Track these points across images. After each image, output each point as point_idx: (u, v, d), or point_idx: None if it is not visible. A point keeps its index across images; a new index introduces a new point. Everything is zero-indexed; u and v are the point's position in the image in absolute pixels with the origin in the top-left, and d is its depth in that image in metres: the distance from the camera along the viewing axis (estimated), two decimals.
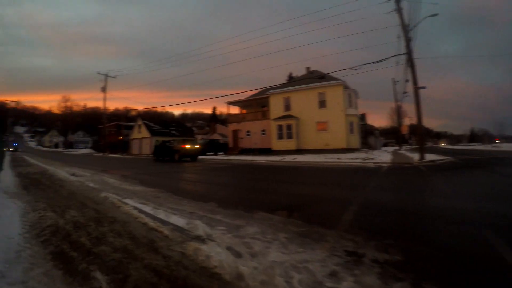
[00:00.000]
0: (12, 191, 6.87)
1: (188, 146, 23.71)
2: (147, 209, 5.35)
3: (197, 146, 24.92)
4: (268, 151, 31.93)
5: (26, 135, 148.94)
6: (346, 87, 29.15)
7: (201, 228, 4.03)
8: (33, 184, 8.59)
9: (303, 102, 31.01)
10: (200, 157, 26.09)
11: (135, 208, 5.40)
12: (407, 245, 3.29)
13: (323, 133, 29.48)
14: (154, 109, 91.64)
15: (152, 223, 4.39)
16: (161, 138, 33.75)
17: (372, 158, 18.92)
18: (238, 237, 3.64)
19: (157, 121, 61.01)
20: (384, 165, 15.08)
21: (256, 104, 38.18)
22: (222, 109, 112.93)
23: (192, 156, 23.93)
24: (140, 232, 4.05)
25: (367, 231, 3.76)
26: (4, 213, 4.60)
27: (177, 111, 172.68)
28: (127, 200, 6.16)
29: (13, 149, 67.47)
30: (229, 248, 3.24)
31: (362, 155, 22.74)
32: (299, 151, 29.11)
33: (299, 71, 58.01)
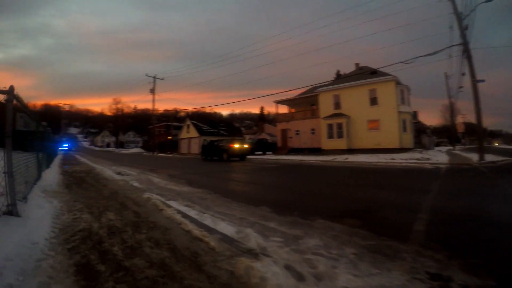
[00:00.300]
0: (52, 190, 6.88)
1: (237, 146, 23.94)
2: (192, 213, 4.90)
3: (246, 146, 25.18)
4: (317, 151, 31.87)
5: (79, 135, 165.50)
6: (398, 82, 28.51)
7: (253, 238, 3.61)
8: (76, 183, 8.74)
9: (354, 100, 30.61)
10: (248, 156, 26.50)
11: (179, 211, 4.96)
12: (497, 266, 2.87)
13: (375, 132, 28.96)
14: (203, 110, 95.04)
15: (196, 231, 3.89)
16: (209, 138, 34.31)
17: (428, 159, 18.72)
18: (298, 252, 3.22)
19: (205, 121, 62.92)
20: (442, 166, 14.66)
21: (305, 103, 38.64)
22: (270, 109, 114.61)
23: (240, 155, 24.17)
24: (182, 242, 3.54)
25: (446, 246, 3.34)
26: (36, 214, 4.33)
27: (225, 112, 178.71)
28: (171, 202, 5.78)
29: (66, 148, 72.81)
30: (288, 267, 2.82)
31: (416, 155, 22.30)
32: (350, 151, 28.78)
33: (347, 68, 56.19)
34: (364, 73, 29.62)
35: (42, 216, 4.47)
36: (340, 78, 34.03)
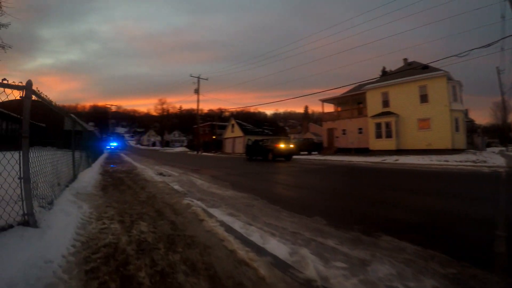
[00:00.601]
0: (86, 192, 6.49)
1: (282, 145, 23.76)
2: (237, 225, 4.23)
3: (291, 146, 24.92)
4: (365, 151, 31.65)
5: (126, 135, 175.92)
6: (449, 78, 27.42)
7: (311, 263, 2.96)
8: (113, 184, 8.45)
9: (403, 97, 30.05)
10: (294, 156, 26.17)
11: (222, 223, 4.30)
12: None
13: (425, 131, 28.14)
14: (247, 109, 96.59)
15: (242, 252, 3.19)
16: (254, 137, 34.32)
17: (484, 161, 17.91)
18: (369, 285, 2.57)
19: (250, 120, 63.30)
20: (501, 169, 13.68)
21: (352, 101, 38.08)
22: (314, 108, 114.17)
23: (286, 155, 24.02)
24: (224, 267, 2.87)
25: None
26: (58, 223, 3.84)
27: (269, 111, 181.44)
28: (213, 210, 5.14)
29: (113, 147, 76.53)
30: None
31: (471, 157, 21.30)
32: (399, 152, 28.30)
33: (393, 64, 53.50)
34: (413, 69, 28.75)
35: (66, 225, 3.96)
36: (387, 74, 32.42)
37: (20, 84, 3.49)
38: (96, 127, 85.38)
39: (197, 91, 54.60)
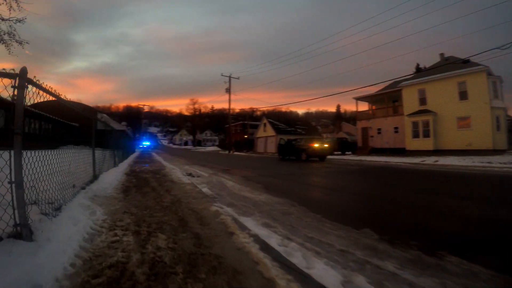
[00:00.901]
0: (105, 195, 5.91)
1: (316, 145, 23.23)
2: (273, 241, 3.52)
3: (326, 145, 24.29)
4: (401, 152, 30.72)
5: (159, 134, 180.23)
6: (489, 73, 25.78)
7: None
8: (136, 186, 7.93)
9: (440, 94, 28.49)
10: (327, 156, 25.45)
11: (256, 238, 3.59)
12: None
13: (465, 130, 26.68)
14: (278, 109, 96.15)
15: (282, 282, 2.45)
16: (286, 137, 33.89)
17: None
18: None
19: (282, 119, 62.59)
20: None
21: (387, 99, 36.36)
22: (347, 107, 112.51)
23: (320, 156, 23.45)
24: None
25: None
26: (61, 235, 3.26)
27: (301, 110, 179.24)
28: (245, 220, 4.47)
29: (145, 146, 78.67)
30: None
31: None
32: (437, 152, 27.00)
33: (428, 60, 50.89)
34: (452, 63, 27.37)
35: (70, 237, 3.36)
36: (421, 71, 30.67)
37: (12, 71, 2.91)
38: (128, 126, 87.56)
39: (228, 90, 54.38)
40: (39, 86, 3.35)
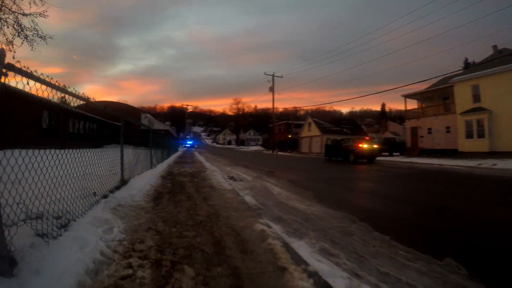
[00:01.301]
0: (131, 203, 5.12)
1: (365, 146, 21.98)
2: (340, 284, 2.33)
3: (375, 146, 23.24)
4: (453, 153, 28.30)
5: (203, 134, 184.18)
6: None
7: None
8: (170, 192, 7.15)
9: (496, 90, 25.69)
10: (376, 158, 24.15)
11: (317, 278, 2.48)
12: None
13: None
14: (322, 108, 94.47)
15: None
16: (331, 136, 32.84)
17: None
18: None
19: (327, 119, 60.67)
20: None
21: (437, 96, 33.90)
22: (392, 105, 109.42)
23: (369, 157, 22.18)
24: None
25: None
26: (59, 263, 2.58)
27: (344, 109, 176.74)
28: (298, 246, 3.51)
29: (189, 145, 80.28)
30: None
31: None
32: (493, 154, 24.53)
33: (478, 54, 46.99)
34: (507, 56, 24.37)
35: (66, 269, 2.52)
36: (472, 65, 27.88)
37: None
38: (172, 126, 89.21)
39: (271, 89, 53.51)
40: (25, 73, 2.54)
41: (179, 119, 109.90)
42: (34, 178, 3.02)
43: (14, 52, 11.19)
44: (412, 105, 39.18)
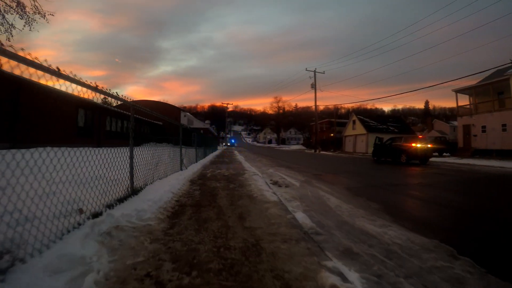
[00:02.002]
0: (135, 226, 3.67)
1: (418, 145, 19.92)
2: None
3: (429, 146, 21.04)
4: (509, 154, 26.16)
5: (243, 132, 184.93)
6: None
7: None
8: (196, 205, 5.58)
9: None
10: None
11: None
12: None
13: None
14: (364, 106, 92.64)
15: None
16: (378, 135, 31.60)
17: None
18: None
19: (372, 116, 57.16)
20: None
21: (492, 90, 30.46)
22: (435, 103, 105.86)
23: (422, 158, 20.25)
24: None
25: None
26: None
27: (386, 107, 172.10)
28: None
29: (229, 144, 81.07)
30: None
31: None
32: None
33: None
34: None
35: None
36: None
37: None
38: (212, 125, 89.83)
39: (313, 86, 51.26)
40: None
41: (219, 118, 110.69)
42: None
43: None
44: (463, 101, 36.57)
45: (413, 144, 19.88)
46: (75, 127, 21.82)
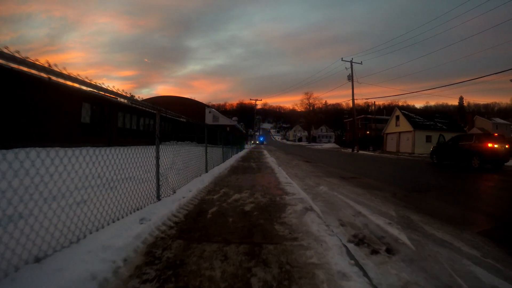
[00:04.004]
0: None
1: (495, 146, 16.28)
2: None
3: (506, 146, 16.86)
4: None
5: (272, 130, 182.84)
6: None
7: None
8: (206, 234, 3.37)
9: None
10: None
11: None
12: None
13: None
14: (395, 103, 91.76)
15: None
16: (425, 132, 30.60)
17: None
18: None
19: (416, 111, 52.11)
20: None
21: None
22: (470, 99, 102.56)
23: (499, 161, 16.61)
24: None
25: None
26: None
27: (418, 104, 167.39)
28: None
29: (258, 142, 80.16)
30: None
31: None
32: None
33: None
34: None
35: None
36: None
37: None
38: (241, 123, 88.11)
39: (350, 78, 46.34)
40: None
41: (247, 116, 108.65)
42: None
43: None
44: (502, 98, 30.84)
45: (489, 145, 16.19)
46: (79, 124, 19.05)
